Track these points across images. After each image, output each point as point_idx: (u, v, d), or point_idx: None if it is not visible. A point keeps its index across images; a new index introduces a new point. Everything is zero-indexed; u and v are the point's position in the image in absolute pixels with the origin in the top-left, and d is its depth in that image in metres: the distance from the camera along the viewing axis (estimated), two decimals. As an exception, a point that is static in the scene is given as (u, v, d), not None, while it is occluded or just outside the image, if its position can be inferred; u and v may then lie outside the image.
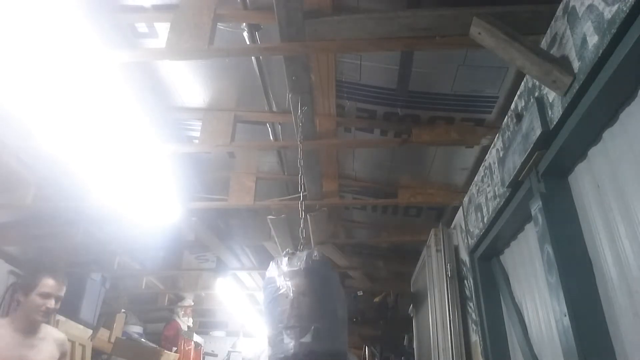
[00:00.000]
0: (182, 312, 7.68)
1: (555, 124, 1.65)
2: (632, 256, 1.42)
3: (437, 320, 3.27)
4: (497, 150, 2.40)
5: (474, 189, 2.90)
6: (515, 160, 1.97)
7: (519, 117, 2.00)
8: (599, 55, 1.35)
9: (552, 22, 1.71)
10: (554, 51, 1.67)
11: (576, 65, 1.50)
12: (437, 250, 3.47)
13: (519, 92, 2.06)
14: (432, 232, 3.57)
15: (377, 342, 5.26)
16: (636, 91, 1.37)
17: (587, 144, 1.65)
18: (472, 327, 2.98)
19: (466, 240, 3.05)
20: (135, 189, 3.14)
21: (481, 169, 2.72)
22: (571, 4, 1.55)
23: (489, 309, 2.65)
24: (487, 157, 2.61)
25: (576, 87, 1.49)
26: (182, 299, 7.68)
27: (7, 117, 2.53)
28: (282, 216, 3.93)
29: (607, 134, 1.54)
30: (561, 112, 1.60)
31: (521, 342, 2.29)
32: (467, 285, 3.11)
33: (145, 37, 2.51)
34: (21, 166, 3.51)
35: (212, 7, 2.23)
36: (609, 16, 1.30)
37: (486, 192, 2.58)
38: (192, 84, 2.91)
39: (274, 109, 3.00)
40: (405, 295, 5.08)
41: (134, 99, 2.42)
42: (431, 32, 1.96)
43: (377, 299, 5.16)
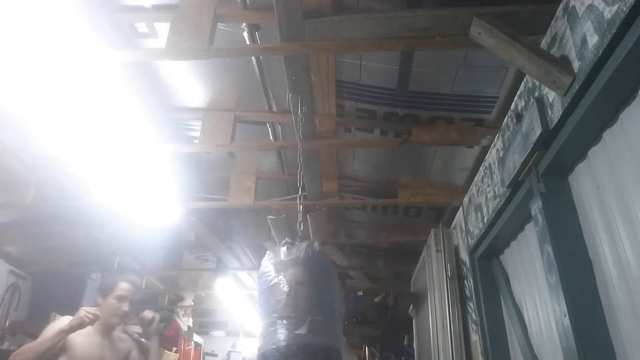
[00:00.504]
0: (182, 312, 7.69)
1: (555, 124, 1.65)
2: (632, 256, 1.42)
3: (437, 320, 3.27)
4: (497, 150, 2.40)
5: (474, 189, 2.90)
6: (515, 160, 1.97)
7: (519, 117, 2.00)
8: (599, 55, 1.35)
9: (552, 22, 1.71)
10: (554, 51, 1.67)
11: (576, 65, 1.50)
12: (437, 250, 3.47)
13: (519, 92, 2.06)
14: (432, 232, 3.57)
15: (377, 342, 5.26)
16: (636, 91, 1.37)
17: (587, 144, 1.65)
18: (472, 327, 2.98)
19: (466, 240, 3.05)
20: (135, 189, 3.14)
21: (481, 169, 2.72)
22: (571, 4, 1.54)
23: (489, 309, 2.65)
24: (487, 157, 2.61)
25: (576, 87, 1.49)
26: (182, 299, 7.69)
27: (7, 117, 2.54)
28: (282, 216, 3.94)
29: (607, 134, 1.54)
30: (561, 112, 1.60)
31: (521, 342, 2.29)
32: (467, 285, 3.11)
33: (145, 37, 2.51)
34: (21, 166, 3.51)
35: (212, 7, 2.23)
36: (609, 16, 1.30)
37: (486, 192, 2.58)
38: (192, 84, 2.91)
39: (274, 109, 2.99)
40: (405, 295, 5.09)
41: (134, 99, 2.42)
42: (431, 32, 1.96)
43: (377, 299, 5.17)
